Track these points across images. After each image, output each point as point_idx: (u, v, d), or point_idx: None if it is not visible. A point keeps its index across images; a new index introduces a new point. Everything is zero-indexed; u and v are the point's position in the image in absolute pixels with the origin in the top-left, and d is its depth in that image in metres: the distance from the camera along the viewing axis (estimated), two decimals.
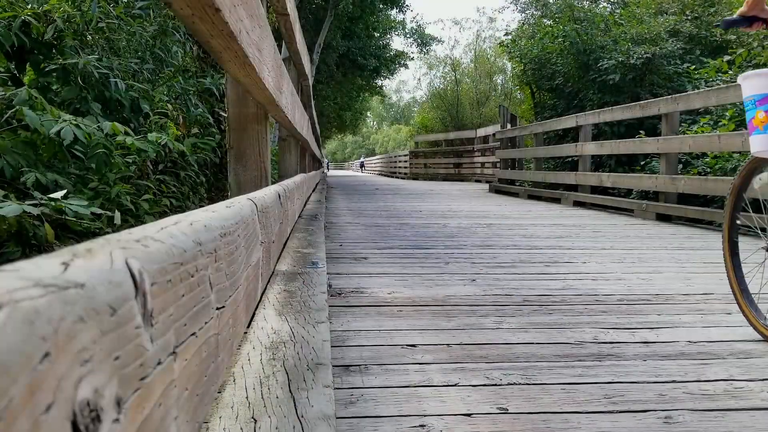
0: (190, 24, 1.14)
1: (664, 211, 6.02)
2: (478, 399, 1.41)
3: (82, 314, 0.36)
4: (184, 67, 5.05)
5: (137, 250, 0.49)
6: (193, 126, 4.74)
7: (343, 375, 1.55)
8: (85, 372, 0.35)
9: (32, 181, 2.56)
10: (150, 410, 0.47)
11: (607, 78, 9.66)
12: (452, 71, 28.59)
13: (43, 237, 2.33)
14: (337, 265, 3.13)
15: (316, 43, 16.44)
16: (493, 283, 2.73)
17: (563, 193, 8.43)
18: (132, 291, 0.45)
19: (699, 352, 1.78)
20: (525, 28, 15.22)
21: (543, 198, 9.13)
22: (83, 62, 3.33)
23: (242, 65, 1.53)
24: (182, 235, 0.66)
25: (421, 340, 1.86)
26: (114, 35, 4.11)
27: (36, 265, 0.35)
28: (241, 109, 2.25)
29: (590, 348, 1.81)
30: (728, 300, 2.44)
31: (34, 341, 0.30)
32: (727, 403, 1.40)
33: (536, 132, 10.01)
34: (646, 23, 9.95)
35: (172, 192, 3.93)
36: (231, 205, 1.12)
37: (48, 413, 0.31)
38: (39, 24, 3.29)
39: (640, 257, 3.55)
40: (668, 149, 6.07)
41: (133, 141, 3.03)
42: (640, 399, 1.42)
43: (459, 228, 5.04)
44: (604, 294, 2.54)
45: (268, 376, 1.09)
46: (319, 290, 1.88)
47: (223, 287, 0.87)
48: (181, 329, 0.60)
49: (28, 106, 2.70)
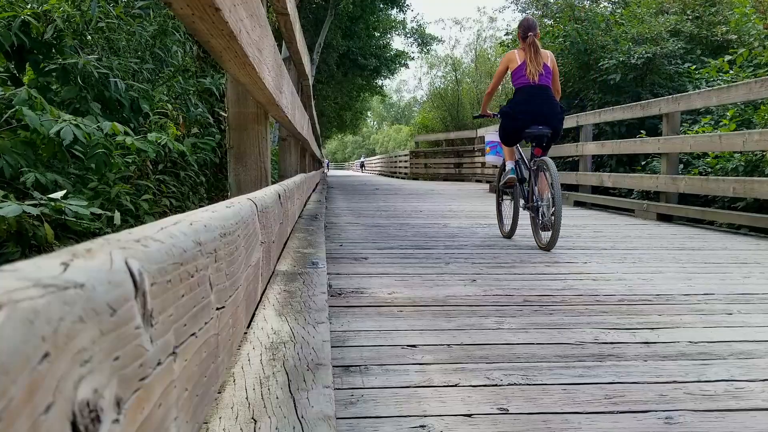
0: (190, 23, 1.14)
1: (665, 211, 6.02)
2: (479, 399, 1.41)
3: (82, 314, 0.36)
4: (184, 66, 5.05)
5: (137, 251, 0.49)
6: (193, 126, 4.74)
7: (343, 375, 1.55)
8: (84, 372, 0.35)
9: (32, 181, 2.56)
10: (150, 411, 0.48)
11: (608, 78, 9.66)
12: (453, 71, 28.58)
13: (43, 237, 2.33)
14: (337, 266, 3.13)
15: (317, 43, 16.45)
16: (493, 284, 2.73)
17: (564, 193, 8.43)
18: (132, 291, 0.45)
19: (700, 353, 1.78)
20: None
21: None
22: (83, 62, 3.33)
23: (242, 65, 1.53)
24: (182, 235, 0.66)
25: (421, 341, 1.86)
26: (114, 35, 4.11)
27: (35, 266, 0.35)
28: (241, 109, 2.25)
29: (591, 348, 1.81)
30: (729, 300, 2.44)
31: (33, 341, 0.30)
32: (728, 403, 1.40)
33: None
34: (647, 23, 9.94)
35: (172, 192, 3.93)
36: (231, 205, 1.12)
37: (48, 414, 0.31)
38: (38, 24, 3.29)
39: (640, 257, 3.55)
40: (669, 149, 6.07)
41: (132, 141, 3.03)
42: (641, 399, 1.42)
43: (459, 228, 5.04)
44: (604, 294, 2.54)
45: (268, 377, 1.09)
46: (319, 290, 1.88)
47: (223, 287, 0.87)
48: (181, 329, 0.60)
49: (27, 106, 2.70)
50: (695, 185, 5.62)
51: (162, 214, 3.47)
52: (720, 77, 7.73)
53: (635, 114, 6.90)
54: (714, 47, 10.02)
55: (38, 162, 2.83)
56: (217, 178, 5.14)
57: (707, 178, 5.52)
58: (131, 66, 4.05)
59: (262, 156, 2.29)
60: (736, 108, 6.34)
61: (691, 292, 2.60)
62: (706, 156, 6.52)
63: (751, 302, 2.42)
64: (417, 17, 50.95)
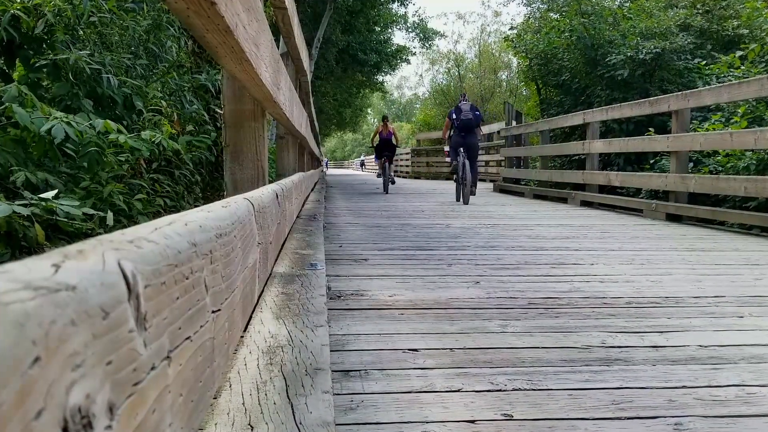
0: (185, 18, 1.14)
1: (674, 211, 6.02)
2: (482, 405, 1.41)
3: (74, 317, 0.36)
4: (179, 62, 5.06)
5: (130, 252, 0.50)
6: (188, 123, 4.74)
7: (342, 380, 1.55)
8: (76, 377, 0.35)
9: (22, 180, 2.57)
10: (143, 417, 0.48)
11: (616, 74, 9.66)
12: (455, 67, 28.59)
13: (34, 238, 2.33)
14: (336, 267, 3.13)
15: (315, 38, 16.45)
16: (497, 286, 2.73)
17: (570, 193, 8.43)
18: (125, 293, 0.45)
19: (710, 357, 1.78)
20: (531, 22, 15.22)
21: (549, 197, 9.13)
22: (74, 57, 3.33)
23: (239, 61, 1.53)
24: (177, 235, 0.66)
25: (423, 345, 1.86)
26: (106, 30, 4.11)
27: (26, 267, 0.35)
28: (238, 106, 2.26)
29: (598, 352, 1.81)
30: (740, 303, 2.44)
31: (24, 345, 0.30)
32: (739, 409, 1.40)
33: (542, 129, 10.01)
34: (656, 17, 9.94)
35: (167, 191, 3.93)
36: (227, 204, 1.12)
37: (38, 419, 0.31)
38: (29, 18, 3.29)
39: (649, 259, 3.55)
40: (678, 147, 6.07)
41: (126, 139, 3.03)
42: (650, 405, 1.42)
43: (462, 228, 5.04)
44: (612, 296, 2.54)
45: (266, 382, 1.09)
46: (317, 293, 1.88)
47: (219, 290, 0.87)
48: (175, 333, 0.60)
49: (17, 103, 2.70)
50: (705, 184, 5.62)
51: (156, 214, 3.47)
52: (731, 73, 7.73)
53: (643, 111, 6.90)
54: (725, 42, 10.02)
55: (29, 161, 2.83)
56: (213, 177, 5.14)
57: (718, 177, 5.52)
58: (124, 62, 4.06)
59: (259, 154, 2.29)
60: (748, 105, 6.34)
61: (701, 294, 2.60)
62: (716, 154, 6.52)
63: (763, 305, 2.42)
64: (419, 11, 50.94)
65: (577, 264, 3.33)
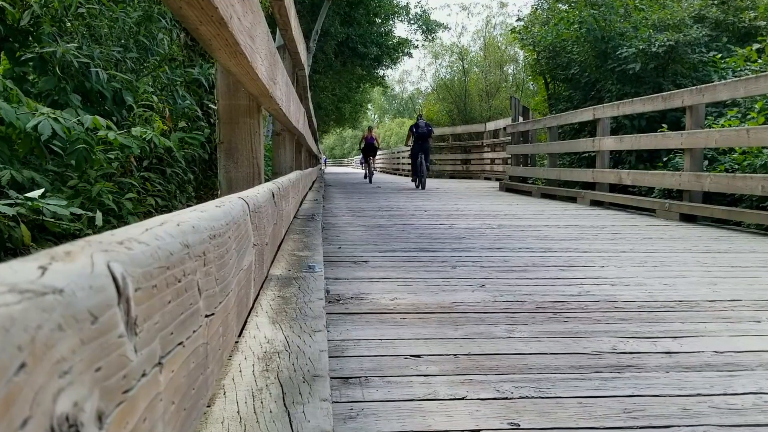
0: (177, 9, 1.14)
1: (688, 210, 6.02)
2: (488, 413, 1.41)
3: (61, 322, 0.36)
4: (171, 55, 5.06)
5: (120, 253, 0.50)
6: (181, 119, 4.74)
7: (341, 387, 1.55)
8: (64, 384, 0.35)
9: (7, 178, 2.57)
10: (134, 425, 0.48)
11: (627, 67, 9.65)
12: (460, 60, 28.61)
13: (19, 239, 2.34)
14: (335, 270, 3.14)
15: (313, 30, 16.45)
16: (503, 289, 2.73)
17: (579, 192, 8.43)
18: (114, 297, 0.45)
19: (726, 363, 1.78)
20: (538, 13, 15.21)
21: (557, 197, 9.13)
22: (62, 50, 3.33)
23: (233, 54, 1.53)
24: (169, 236, 0.66)
25: (426, 350, 1.86)
26: (95, 21, 4.12)
27: (11, 269, 0.35)
28: (232, 101, 2.26)
29: (608, 359, 1.81)
30: (757, 307, 2.44)
31: (9, 351, 0.30)
32: (756, 418, 1.40)
33: (550, 126, 10.01)
34: (669, 8, 9.94)
35: (158, 190, 3.94)
36: (221, 204, 1.12)
37: (24, 428, 0.31)
38: (14, 9, 3.29)
39: (662, 261, 3.54)
40: (693, 144, 6.06)
41: (115, 136, 3.03)
42: (663, 414, 1.42)
43: (467, 229, 5.05)
44: (623, 300, 2.54)
45: (261, 389, 1.10)
46: (315, 296, 1.88)
47: (212, 293, 0.87)
48: (167, 338, 0.60)
49: (2, 98, 2.70)
50: (721, 183, 5.61)
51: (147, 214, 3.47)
52: (748, 67, 7.72)
53: (656, 106, 6.90)
54: (741, 34, 10.01)
55: (14, 158, 2.83)
56: (207, 176, 5.14)
57: (734, 176, 5.51)
58: (114, 55, 4.06)
59: (254, 151, 2.29)
60: (765, 100, 6.34)
61: (717, 298, 2.60)
62: (732, 152, 6.52)
63: None
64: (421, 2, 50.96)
65: (587, 266, 3.33)
